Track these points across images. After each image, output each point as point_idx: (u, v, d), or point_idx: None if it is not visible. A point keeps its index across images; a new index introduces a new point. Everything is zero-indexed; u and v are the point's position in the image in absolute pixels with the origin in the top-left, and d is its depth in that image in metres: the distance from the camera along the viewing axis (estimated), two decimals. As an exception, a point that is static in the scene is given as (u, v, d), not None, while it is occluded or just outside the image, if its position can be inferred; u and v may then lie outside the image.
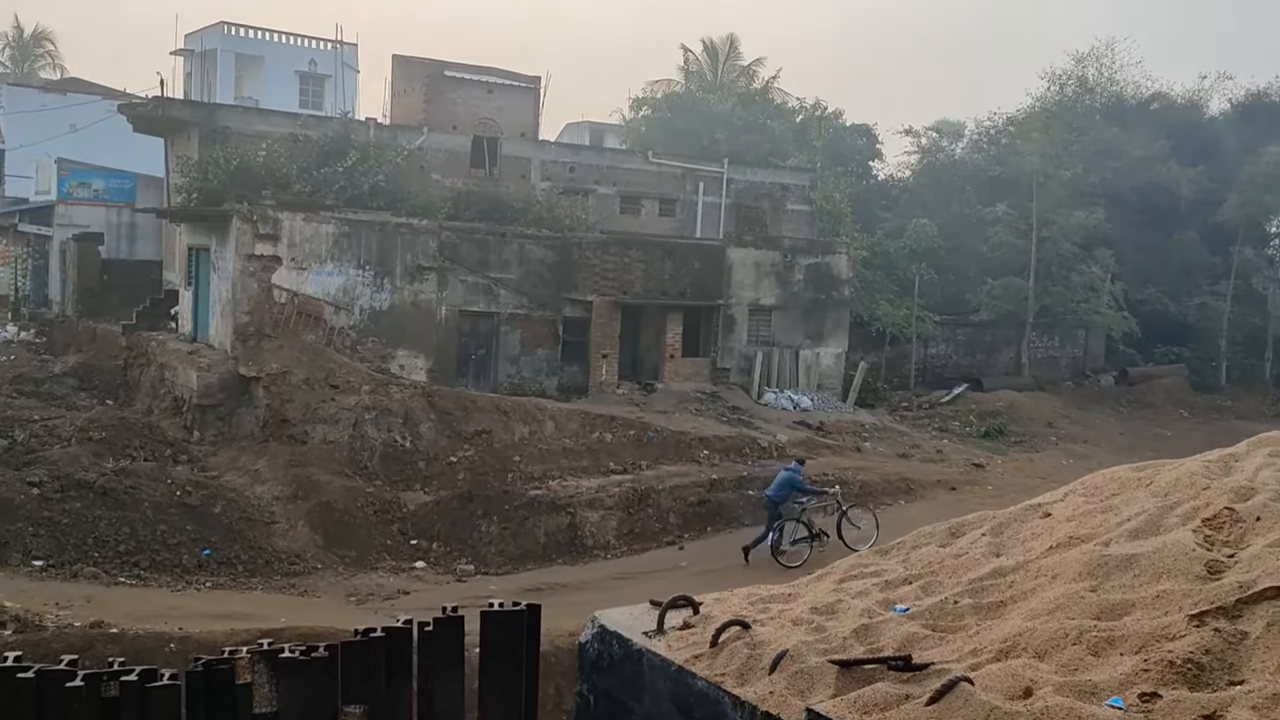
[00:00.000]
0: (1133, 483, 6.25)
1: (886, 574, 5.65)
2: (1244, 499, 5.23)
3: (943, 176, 43.19)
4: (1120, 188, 40.11)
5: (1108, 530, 5.35)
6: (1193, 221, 41.94)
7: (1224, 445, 7.16)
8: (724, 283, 29.76)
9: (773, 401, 29.11)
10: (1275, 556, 4.35)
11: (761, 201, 35.73)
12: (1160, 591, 4.32)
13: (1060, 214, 36.00)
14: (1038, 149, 35.97)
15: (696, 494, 20.72)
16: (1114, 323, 36.81)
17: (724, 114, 42.39)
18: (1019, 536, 5.79)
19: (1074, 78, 47.06)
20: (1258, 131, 44.24)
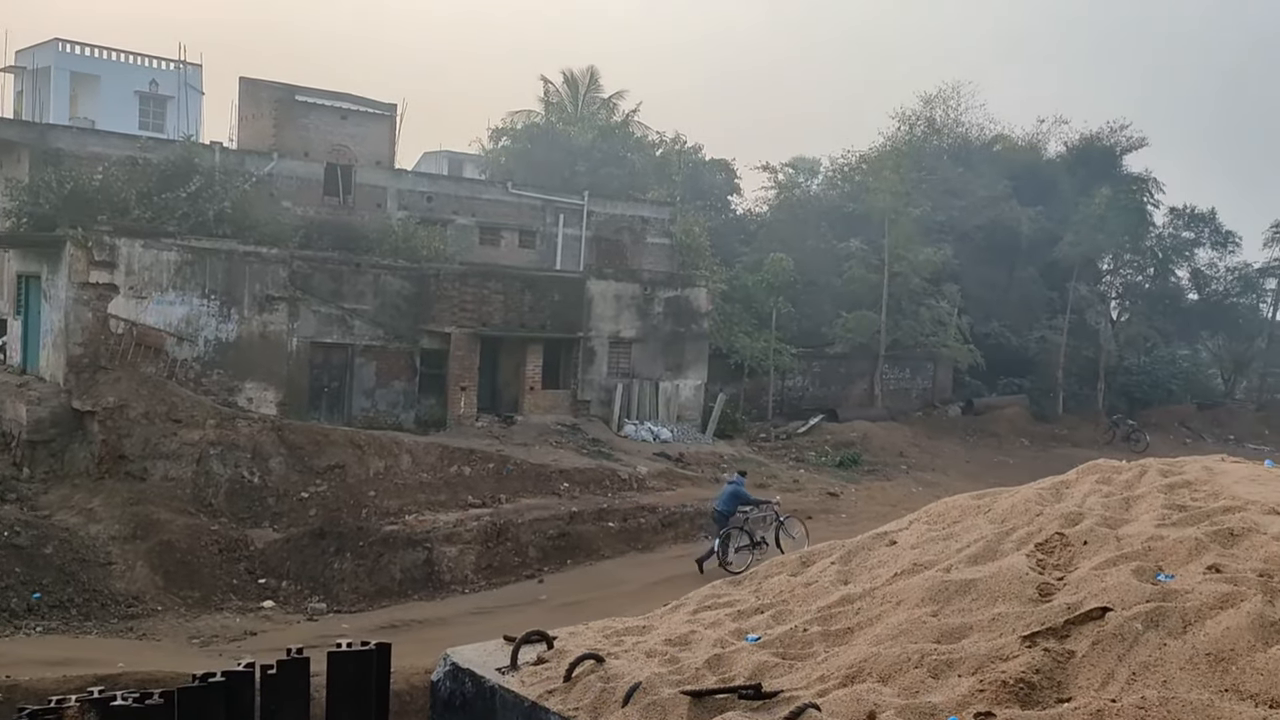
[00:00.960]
0: (972, 510, 6.54)
1: (739, 604, 5.75)
2: (1073, 524, 5.53)
3: (799, 212, 44.46)
4: (966, 225, 42.05)
5: (949, 556, 5.58)
6: (1033, 258, 44.25)
7: (1060, 472, 7.55)
8: (584, 315, 29.86)
9: (633, 433, 29.27)
10: (1100, 579, 4.61)
11: (622, 234, 36.05)
12: (996, 614, 4.53)
13: (910, 250, 37.44)
14: (889, 187, 37.40)
15: (556, 526, 20.64)
16: (961, 355, 38.37)
17: (584, 146, 42.70)
18: (866, 564, 5.97)
19: (923, 119, 49.30)
20: (1090, 173, 47.14)
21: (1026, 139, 51.43)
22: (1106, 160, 49.01)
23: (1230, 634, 3.77)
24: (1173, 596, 4.21)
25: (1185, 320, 49.45)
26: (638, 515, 21.76)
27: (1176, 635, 3.93)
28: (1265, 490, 5.66)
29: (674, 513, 22.19)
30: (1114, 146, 49.88)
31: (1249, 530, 4.86)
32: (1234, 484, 5.83)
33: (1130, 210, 42.22)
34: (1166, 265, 48.91)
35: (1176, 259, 49.13)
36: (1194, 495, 5.74)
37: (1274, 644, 3.69)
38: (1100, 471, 6.61)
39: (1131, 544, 5.02)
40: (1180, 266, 49.82)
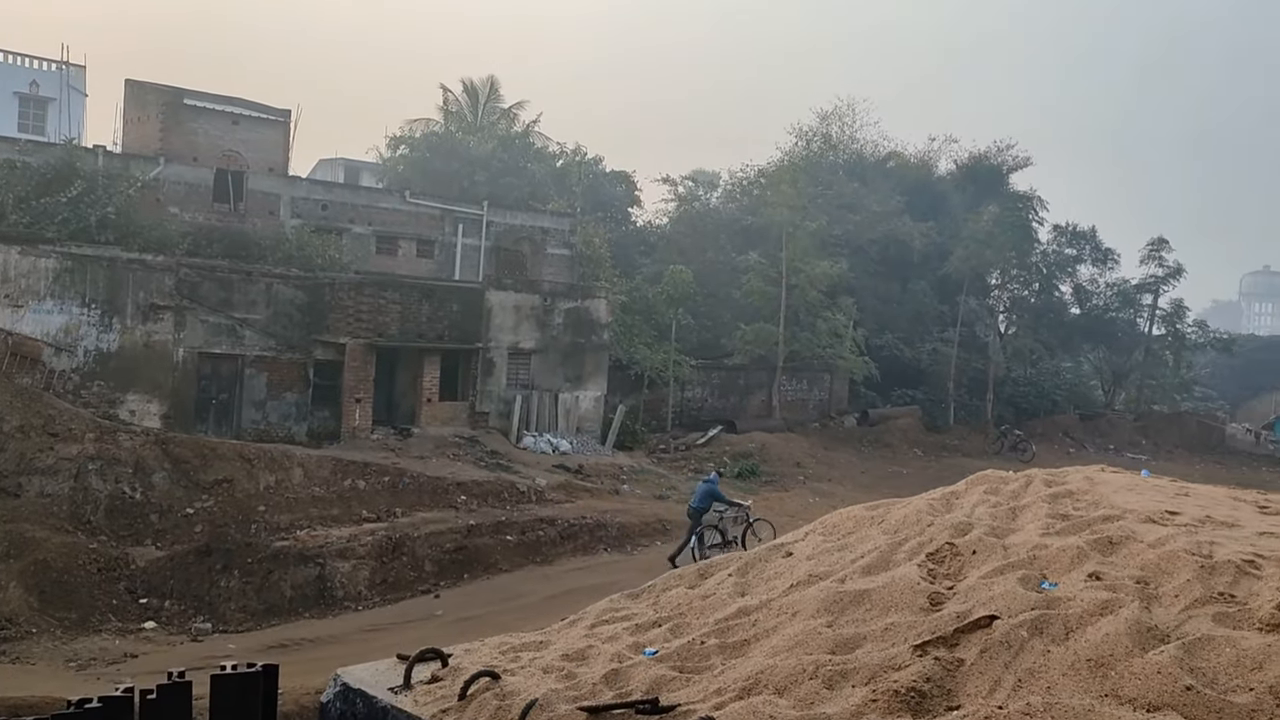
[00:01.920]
0: (867, 521, 6.66)
1: (637, 617, 5.75)
2: (963, 534, 5.67)
3: (699, 224, 44.93)
4: (861, 240, 42.98)
5: (844, 567, 5.67)
6: (925, 272, 45.42)
7: (951, 481, 7.74)
8: (483, 326, 29.63)
9: (532, 445, 29.13)
10: (988, 587, 4.73)
11: (522, 245, 35.89)
12: (889, 624, 4.61)
13: (807, 263, 38.04)
14: (786, 201, 37.99)
15: (453, 540, 20.38)
16: (856, 367, 39.11)
17: (484, 156, 42.44)
18: (763, 576, 6.03)
19: (819, 134, 50.30)
20: (979, 190, 48.69)
21: (919, 156, 52.89)
22: (994, 178, 50.67)
23: (1109, 640, 3.90)
24: (1056, 604, 4.34)
25: (1068, 334, 51.29)
26: (537, 528, 21.62)
27: (1059, 642, 4.05)
28: (1142, 499, 5.89)
29: (573, 525, 22.11)
30: (1001, 165, 51.61)
31: (1127, 538, 5.04)
32: (1113, 493, 6.06)
33: (1017, 227, 43.66)
34: (1051, 281, 50.70)
35: (1060, 275, 50.97)
36: (1076, 505, 5.95)
37: (1150, 649, 3.83)
38: (988, 482, 6.80)
39: (1018, 553, 5.18)
40: (1063, 282, 51.70)
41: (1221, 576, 4.38)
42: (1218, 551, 4.67)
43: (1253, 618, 3.97)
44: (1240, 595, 4.21)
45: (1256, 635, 3.82)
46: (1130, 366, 51.49)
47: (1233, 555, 4.56)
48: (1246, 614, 4.01)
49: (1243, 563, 4.46)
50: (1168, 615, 4.16)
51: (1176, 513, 5.52)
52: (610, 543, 21.88)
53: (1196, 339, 52.29)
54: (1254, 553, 4.61)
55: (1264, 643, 3.71)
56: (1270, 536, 4.98)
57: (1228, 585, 4.30)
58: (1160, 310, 50.31)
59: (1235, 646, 3.73)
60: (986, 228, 42.07)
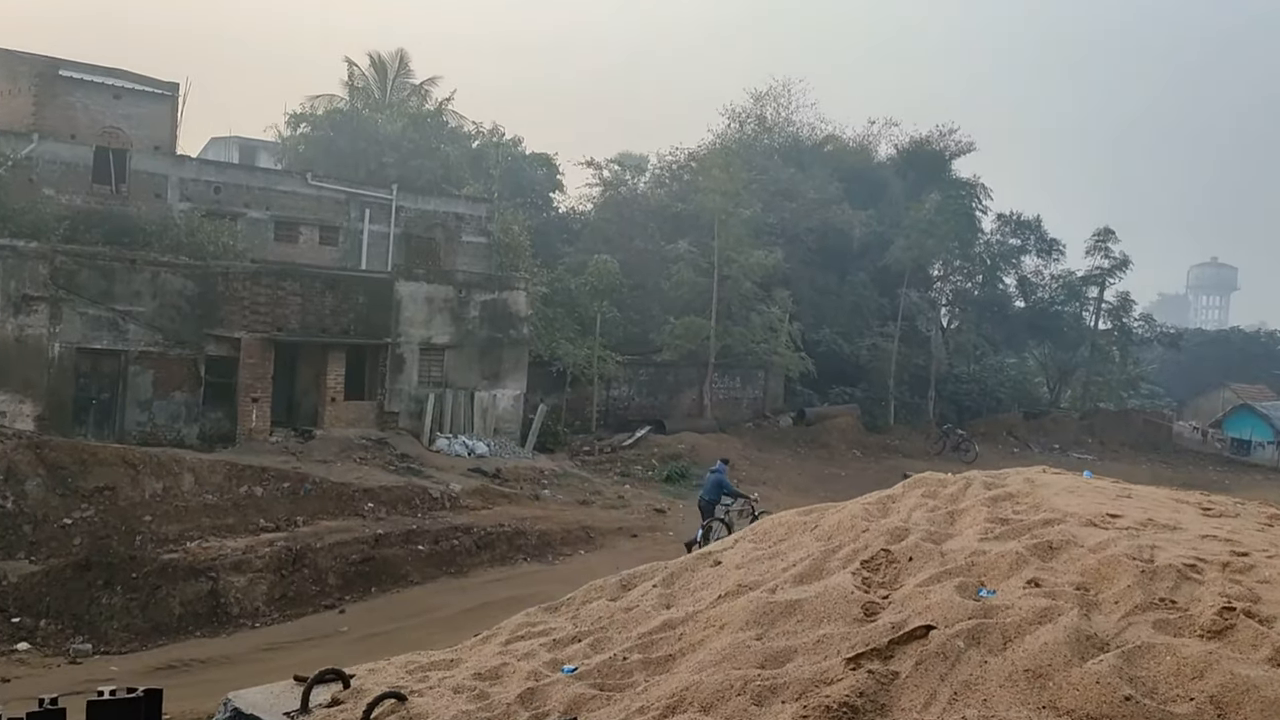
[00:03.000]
0: (799, 527, 6.73)
1: (555, 632, 5.74)
2: (899, 539, 5.76)
3: (625, 211, 44.94)
4: (797, 228, 43.36)
5: (774, 576, 5.72)
6: (864, 263, 46.03)
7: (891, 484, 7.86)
8: (392, 319, 29.32)
9: (446, 448, 28.92)
10: (924, 596, 4.81)
11: (434, 232, 35.59)
12: (821, 636, 4.67)
13: (741, 253, 38.29)
14: (719, 186, 38.17)
15: (360, 551, 20.16)
16: (792, 363, 39.45)
17: (393, 135, 41.98)
18: (690, 586, 6.06)
19: (753, 116, 50.69)
20: (920, 177, 49.47)
21: (857, 140, 53.58)
22: (936, 164, 51.53)
23: (1048, 649, 3.99)
24: (994, 613, 4.43)
25: (1012, 328, 52.42)
26: (450, 536, 21.48)
27: (997, 652, 4.13)
28: (1084, 502, 6.04)
29: (490, 533, 22.01)
30: (943, 150, 52.49)
31: (1067, 543, 5.17)
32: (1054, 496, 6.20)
33: (959, 215, 44.52)
34: (994, 272, 51.75)
35: (1004, 266, 52.06)
36: (1016, 508, 6.07)
37: (1089, 658, 3.93)
38: (926, 485, 6.91)
39: (955, 559, 5.27)
40: (1008, 274, 52.84)
41: (1162, 582, 4.51)
42: (1159, 556, 4.81)
43: (1194, 624, 4.09)
44: (1181, 601, 4.34)
45: (1197, 642, 3.94)
46: (1076, 363, 52.82)
47: (1174, 560, 4.70)
48: (1187, 620, 4.14)
49: (1184, 567, 4.60)
50: (1108, 623, 4.27)
51: (1118, 515, 5.67)
52: (530, 552, 21.82)
53: (1143, 334, 53.91)
54: (1195, 557, 4.76)
55: (1204, 650, 3.83)
56: (1212, 540, 5.15)
57: (1169, 591, 4.43)
58: (1106, 304, 51.69)
59: (1176, 654, 3.84)
60: (928, 216, 42.75)
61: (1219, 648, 3.84)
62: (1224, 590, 4.34)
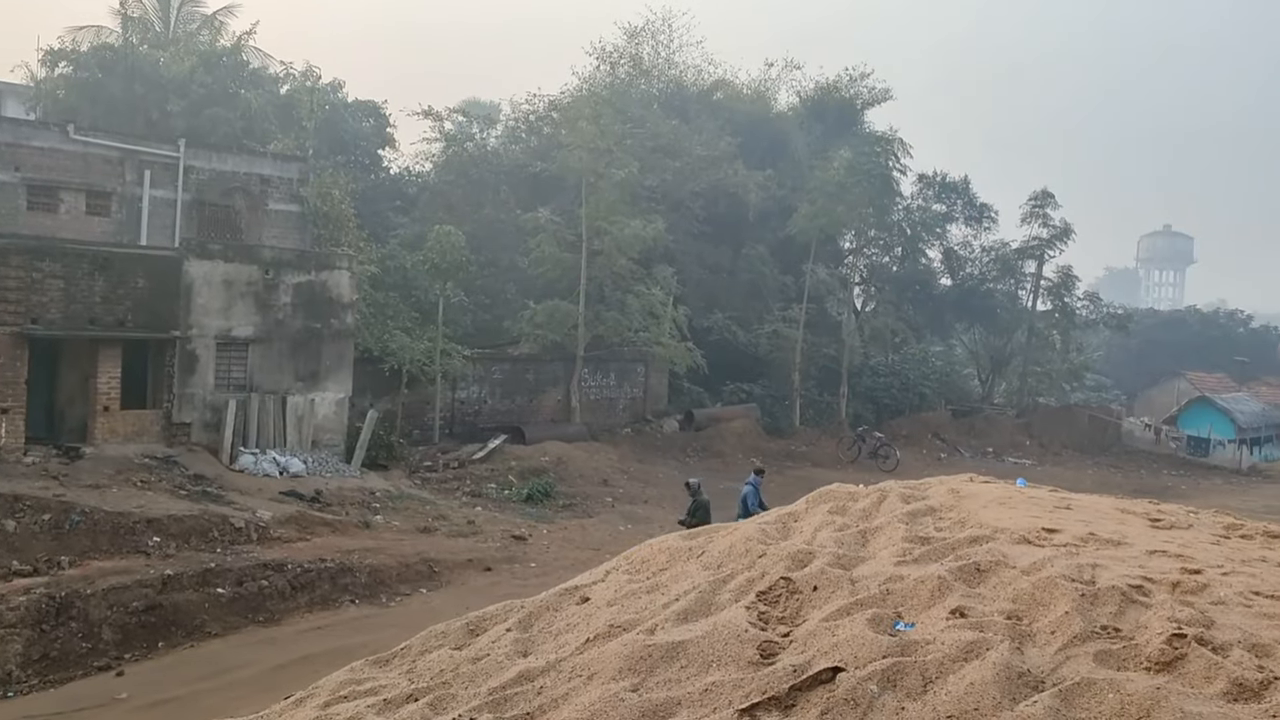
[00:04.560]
0: (683, 554, 6.80)
1: (386, 690, 5.69)
2: (801, 566, 5.86)
3: (472, 172, 44.67)
4: (682, 192, 43.61)
5: (654, 613, 5.76)
6: (763, 234, 46.57)
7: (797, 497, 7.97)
8: (181, 307, 28.62)
9: (251, 466, 28.36)
10: (831, 632, 4.91)
11: (234, 198, 34.85)
12: (710, 684, 4.71)
13: (614, 222, 38.31)
14: (586, 142, 38.12)
15: (143, 597, 19.64)
16: (677, 356, 39.61)
17: (179, 78, 40.91)
18: (552, 629, 6.07)
19: (627, 56, 50.74)
20: (827, 130, 50.30)
21: (753, 86, 54.19)
22: (846, 115, 52.45)
23: (974, 691, 4.10)
24: (912, 649, 4.54)
25: (938, 310, 53.72)
26: (258, 576, 21.07)
27: (916, 696, 4.23)
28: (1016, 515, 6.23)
29: (308, 570, 21.66)
30: (854, 99, 53.43)
31: (997, 564, 5.32)
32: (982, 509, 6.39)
33: (874, 176, 45.27)
34: (916, 244, 52.98)
35: (927, 236, 53.33)
36: (939, 524, 6.24)
37: (1022, 699, 4.05)
38: (833, 499, 7.06)
39: (868, 587, 5.38)
40: (931, 246, 54.14)
41: (1105, 607, 4.68)
42: (1101, 577, 4.99)
43: (1139, 655, 4.26)
44: (1126, 629, 4.51)
45: (1143, 677, 4.09)
46: (1011, 350, 54.39)
47: (1118, 580, 4.88)
48: (1132, 651, 4.30)
49: (1129, 589, 4.78)
50: (1043, 657, 4.41)
51: (1055, 530, 5.87)
52: (359, 592, 21.55)
53: (1088, 315, 55.76)
54: (1142, 576, 4.95)
55: (1151, 685, 3.98)
56: (1162, 556, 5.36)
57: (1111, 617, 4.60)
58: (1045, 280, 53.34)
59: (1119, 691, 3.98)
60: (838, 177, 43.34)
61: (1168, 682, 4.00)
62: (1174, 615, 4.52)
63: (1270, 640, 4.39)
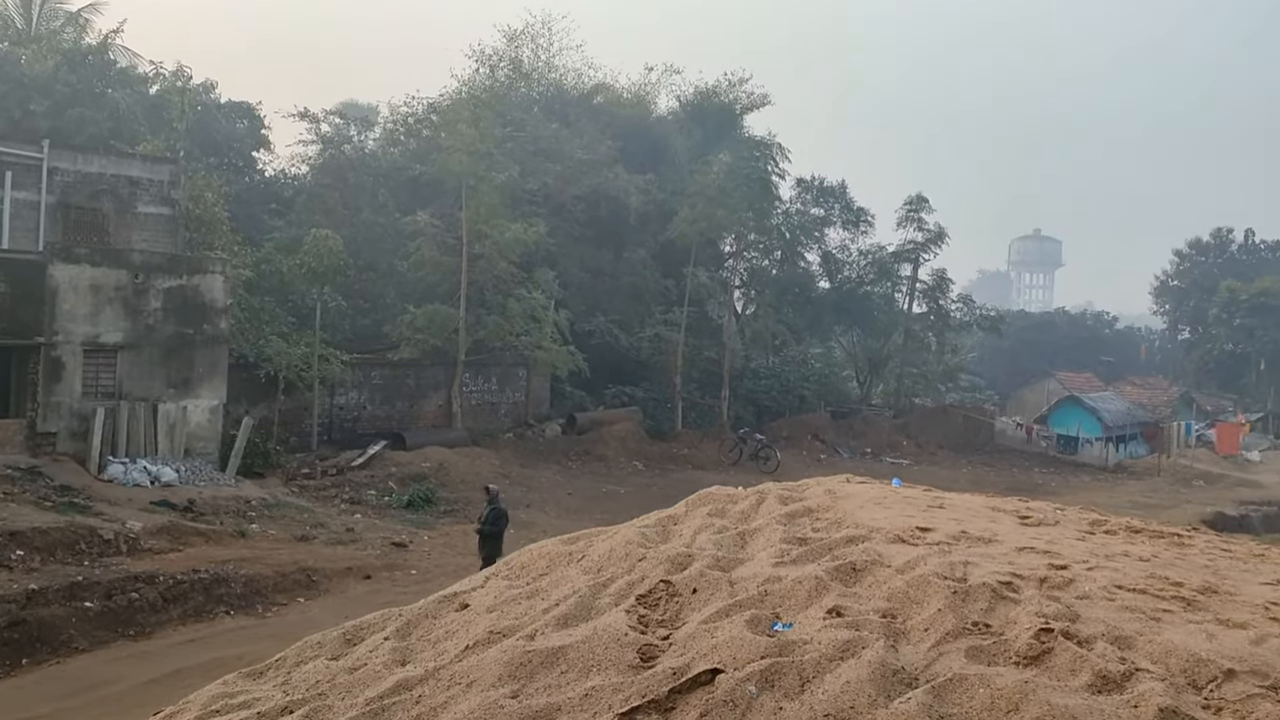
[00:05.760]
0: (563, 558, 6.79)
1: (260, 703, 5.59)
2: (681, 568, 5.90)
3: (350, 175, 44.19)
4: (563, 196, 43.63)
5: (534, 619, 5.75)
6: (644, 238, 46.75)
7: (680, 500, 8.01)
8: (46, 313, 27.89)
9: (121, 475, 27.73)
10: (710, 634, 4.94)
11: (101, 200, 34.00)
12: (590, 689, 4.72)
13: (495, 226, 38.19)
14: (466, 145, 37.93)
15: (6, 613, 19.04)
16: (559, 359, 39.61)
17: (43, 77, 39.88)
18: (431, 636, 6.02)
19: (508, 59, 50.62)
20: (708, 135, 50.69)
21: (633, 90, 54.41)
22: (726, 120, 52.94)
23: (850, 690, 4.16)
24: (790, 649, 4.59)
25: (817, 312, 54.47)
26: (128, 588, 20.59)
27: (793, 696, 4.28)
28: (891, 514, 6.34)
29: (181, 582, 21.21)
30: (733, 104, 53.94)
31: (873, 564, 5.41)
32: (858, 509, 6.49)
33: (753, 180, 45.78)
34: (795, 247, 53.65)
35: (806, 240, 54.05)
36: (816, 525, 6.32)
37: (896, 696, 4.12)
38: (713, 501, 7.11)
39: (746, 588, 5.43)
40: (810, 249, 54.92)
41: (976, 603, 4.78)
42: (973, 574, 5.10)
43: (1009, 650, 4.36)
44: (996, 625, 4.61)
45: (1012, 671, 4.19)
46: (889, 352, 55.40)
47: (988, 577, 5.00)
48: (1002, 646, 4.40)
49: (999, 586, 4.89)
50: (916, 654, 4.49)
51: (929, 529, 5.98)
52: (234, 603, 21.16)
53: (962, 317, 57.08)
54: (1012, 573, 5.07)
55: (1020, 680, 4.07)
56: (1030, 552, 5.50)
57: (982, 613, 4.70)
58: (921, 283, 54.45)
59: (989, 686, 4.07)
60: (718, 181, 43.75)
61: (1035, 675, 4.10)
62: (1041, 610, 4.64)
63: (1132, 632, 4.52)
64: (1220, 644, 4.46)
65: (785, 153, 50.38)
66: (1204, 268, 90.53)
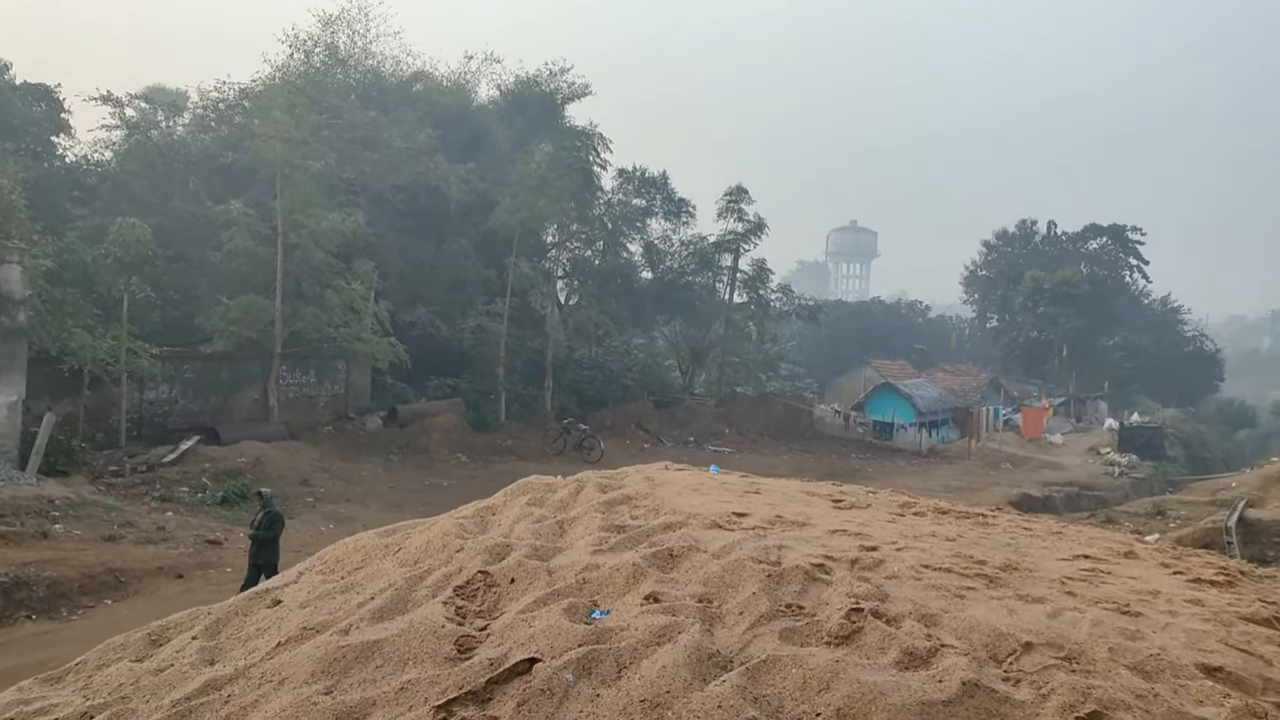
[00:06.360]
0: (379, 552, 6.71)
1: (58, 709, 5.40)
2: (499, 559, 5.88)
3: (158, 162, 42.84)
4: (382, 185, 43.09)
5: (348, 614, 5.66)
6: (465, 228, 46.47)
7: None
8: None
9: (-86, 477, 26.49)
10: (528, 624, 4.94)
11: (-112, 186, 32.36)
12: (406, 682, 4.67)
13: (311, 215, 37.49)
14: (280, 132, 37.14)
15: None
16: (380, 351, 39.11)
17: None
18: (241, 635, 5.89)
19: (323, 45, 49.72)
20: (529, 124, 50.65)
21: (453, 79, 54.04)
22: (547, 109, 52.98)
23: (666, 674, 4.20)
24: (607, 636, 4.62)
25: (640, 303, 54.92)
26: (-79, 595, 19.72)
27: (610, 683, 4.31)
28: (708, 501, 6.42)
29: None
30: (555, 93, 53.99)
31: (690, 549, 5.47)
32: (676, 496, 6.56)
33: (575, 170, 45.95)
34: (617, 238, 53.96)
35: (628, 231, 54.43)
36: (634, 512, 6.37)
37: (712, 679, 4.18)
38: (531, 491, 7.11)
39: (564, 577, 5.45)
40: (632, 240, 55.31)
41: (789, 586, 4.88)
42: (786, 557, 5.20)
43: (821, 631, 4.46)
44: (809, 606, 4.71)
45: (824, 651, 4.29)
46: (710, 341, 56.17)
47: (802, 560, 5.11)
48: (814, 627, 4.50)
49: (812, 568, 5.00)
50: (731, 637, 4.56)
51: (745, 514, 6.08)
52: (36, 607, 20.36)
53: (781, 307, 58.27)
54: (824, 555, 5.18)
55: (831, 659, 4.17)
56: (842, 535, 5.63)
57: (796, 595, 4.80)
58: (741, 273, 55.35)
59: (802, 666, 4.16)
60: (539, 170, 43.75)
61: (846, 654, 4.20)
62: (852, 590, 4.76)
63: (938, 610, 4.67)
64: (1019, 618, 4.64)
65: (607, 143, 50.72)
66: (1010, 258, 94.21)
